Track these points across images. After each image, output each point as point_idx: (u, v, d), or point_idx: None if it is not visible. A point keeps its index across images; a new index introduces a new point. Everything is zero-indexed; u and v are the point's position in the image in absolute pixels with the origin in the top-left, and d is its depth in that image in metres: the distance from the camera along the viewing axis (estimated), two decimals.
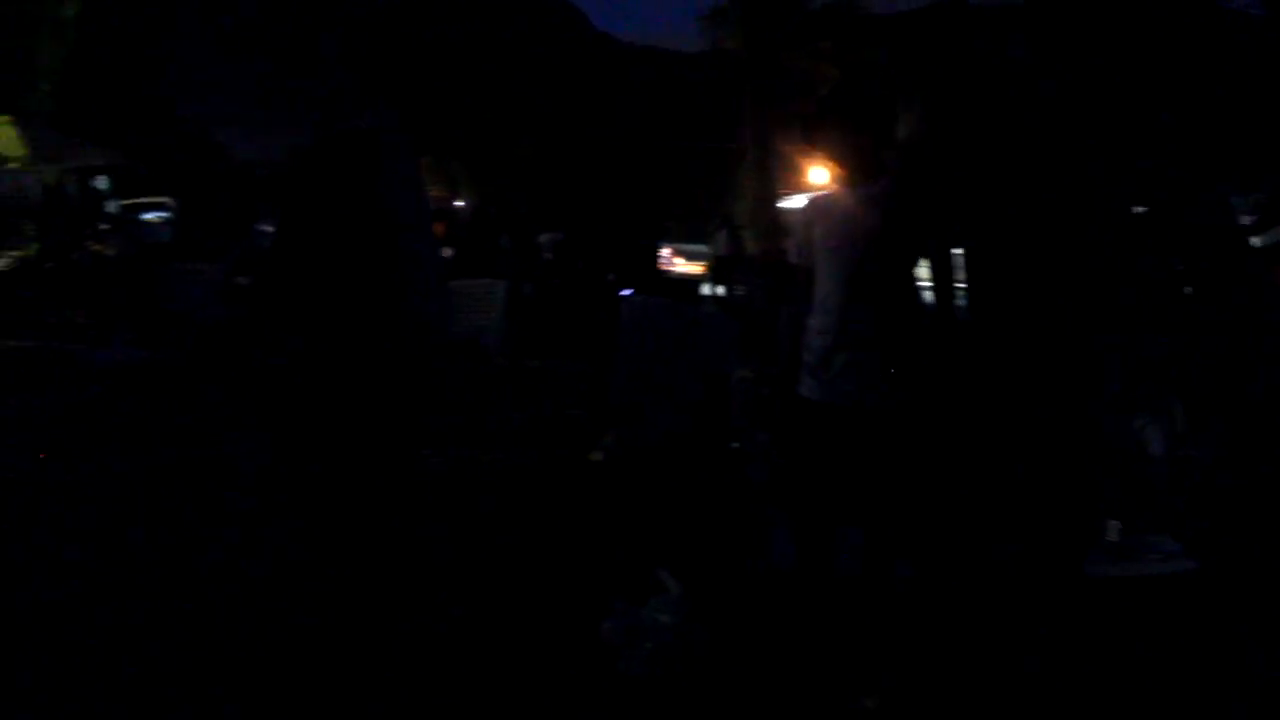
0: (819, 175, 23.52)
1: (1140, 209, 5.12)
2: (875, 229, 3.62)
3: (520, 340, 10.35)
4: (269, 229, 17.71)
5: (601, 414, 5.71)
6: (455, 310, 8.99)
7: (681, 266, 23.34)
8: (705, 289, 17.16)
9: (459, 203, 22.63)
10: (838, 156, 3.70)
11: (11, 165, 17.07)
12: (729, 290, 15.95)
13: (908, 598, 4.10)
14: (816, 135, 3.71)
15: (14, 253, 14.60)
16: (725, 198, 28.00)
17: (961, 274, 3.84)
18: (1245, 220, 6.18)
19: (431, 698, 3.60)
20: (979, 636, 3.91)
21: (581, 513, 5.19)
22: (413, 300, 3.75)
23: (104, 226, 16.27)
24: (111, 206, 18.46)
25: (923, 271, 3.73)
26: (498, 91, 29.53)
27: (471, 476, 6.20)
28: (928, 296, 3.74)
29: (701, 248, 22.74)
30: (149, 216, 19.44)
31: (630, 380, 5.50)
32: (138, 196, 20.67)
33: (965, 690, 3.70)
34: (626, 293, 11.83)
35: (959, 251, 3.85)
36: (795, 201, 20.27)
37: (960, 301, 3.84)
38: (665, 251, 22.18)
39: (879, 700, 3.58)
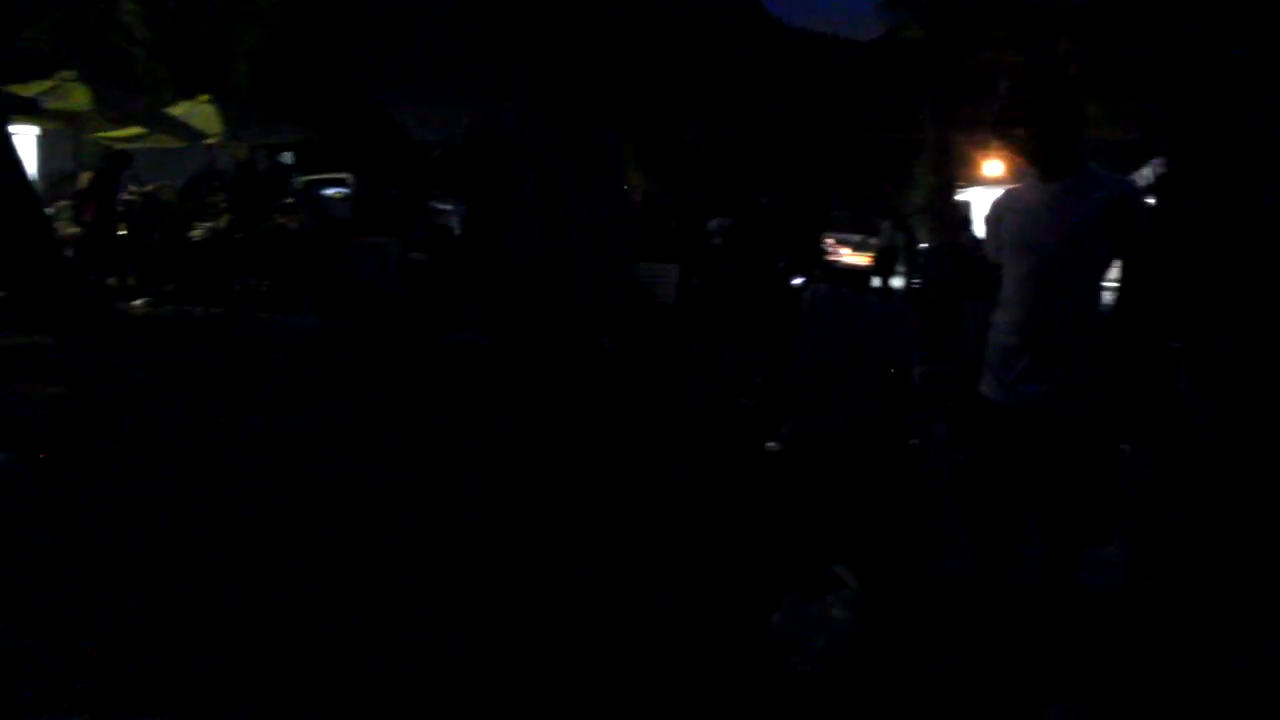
0: (994, 168, 22.88)
1: None
2: (1068, 230, 3.44)
3: (689, 326, 10.36)
4: (443, 207, 18.20)
5: (777, 403, 5.64)
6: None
7: (848, 257, 23.02)
8: (875, 281, 16.86)
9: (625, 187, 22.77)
10: (1029, 150, 3.54)
11: (209, 141, 17.96)
12: (906, 282, 15.64)
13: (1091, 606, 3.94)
14: (1007, 127, 3.55)
15: (207, 224, 15.29)
16: (896, 188, 27.49)
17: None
18: None
19: (597, 684, 3.61)
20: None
21: (755, 503, 5.13)
22: (596, 286, 3.78)
23: (289, 200, 16.91)
24: (295, 182, 19.17)
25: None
26: (668, 77, 29.64)
27: (643, 462, 6.20)
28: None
29: (868, 238, 22.38)
30: (329, 192, 20.10)
31: (809, 370, 5.42)
32: (320, 173, 21.48)
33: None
34: (798, 281, 11.73)
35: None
36: (971, 194, 19.74)
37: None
38: (829, 241, 21.90)
39: (1059, 714, 3.45)
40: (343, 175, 20.83)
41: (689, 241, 14.48)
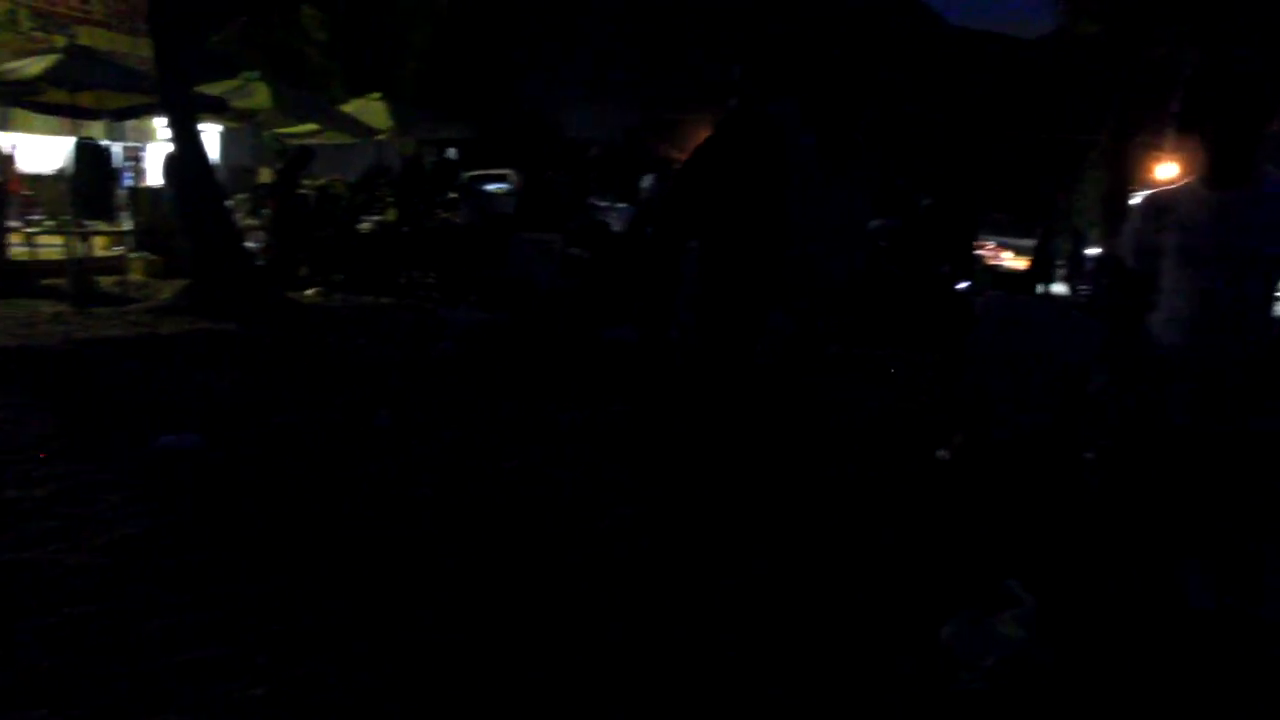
0: (1168, 170, 21.88)
1: None
2: (1251, 242, 3.19)
3: (852, 328, 10.21)
4: (601, 204, 18.41)
5: (948, 410, 5.53)
6: None
7: (1009, 261, 22.39)
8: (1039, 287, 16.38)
9: None
10: (1210, 152, 3.27)
11: (379, 137, 18.58)
12: (1071, 288, 15.13)
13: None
14: (1190, 128, 3.29)
15: (374, 218, 15.83)
16: (1064, 191, 26.59)
17: None
18: None
19: (765, 690, 3.60)
20: None
21: (925, 511, 5.05)
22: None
23: (453, 196, 17.35)
24: (459, 177, 19.66)
25: None
26: (836, 75, 29.27)
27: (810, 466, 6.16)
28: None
29: (1030, 242, 21.73)
30: (492, 188, 20.55)
31: (983, 377, 5.30)
32: (482, 168, 22.00)
33: None
34: (962, 285, 11.48)
35: None
36: (1141, 197, 18.95)
37: None
38: (989, 245, 21.35)
39: None
40: (505, 171, 21.28)
41: None
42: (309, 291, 13.45)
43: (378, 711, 3.31)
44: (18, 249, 13.93)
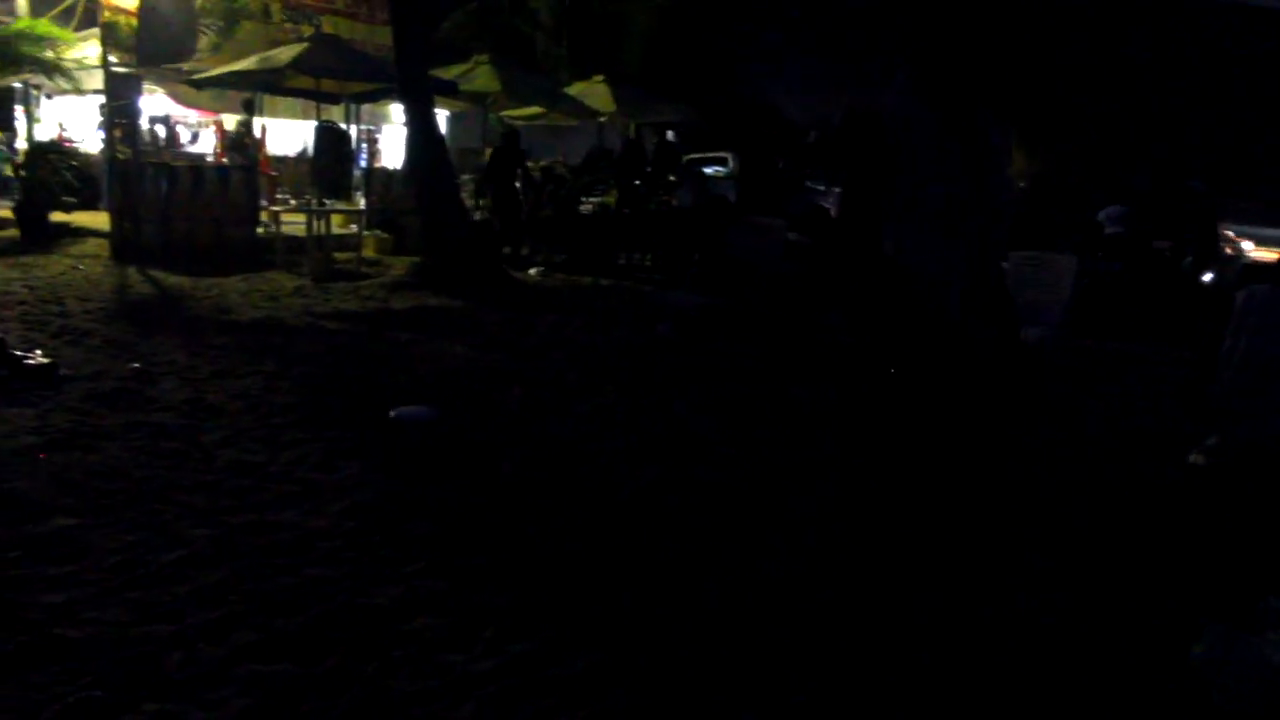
0: None
1: None
2: None
3: (1085, 321, 9.72)
4: (819, 188, 18.13)
5: (1202, 412, 5.12)
6: (1017, 285, 8.55)
7: (1253, 251, 20.81)
8: None
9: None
10: None
11: (601, 119, 18.83)
12: None
13: None
14: None
15: (595, 199, 16.05)
16: None
17: None
18: None
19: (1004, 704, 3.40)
20: None
21: (1176, 518, 4.70)
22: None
23: (672, 178, 17.40)
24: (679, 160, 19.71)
25: None
26: (1056, 52, 27.96)
27: (1043, 463, 5.86)
28: None
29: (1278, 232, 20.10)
30: (709, 170, 20.53)
31: (1241, 377, 4.87)
32: (701, 151, 22.00)
33: None
34: (1207, 277, 10.74)
35: None
36: None
37: None
38: (1227, 232, 19.91)
39: None
40: (723, 154, 21.21)
41: (1079, 231, 13.56)
42: (531, 271, 13.74)
43: (601, 691, 3.27)
44: (263, 226, 14.76)
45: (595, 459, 5.64)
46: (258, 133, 21.04)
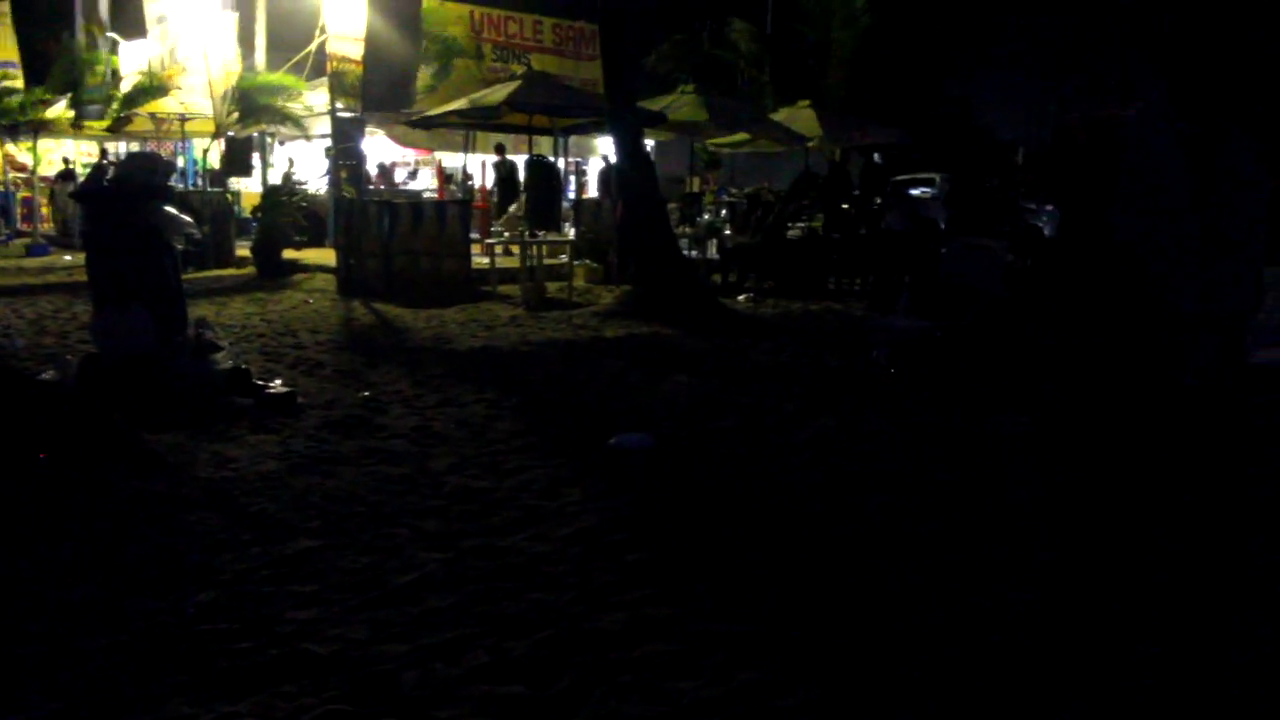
0: None
1: None
2: None
3: None
4: (1030, 207, 17.49)
5: None
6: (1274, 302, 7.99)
7: None
8: None
9: None
10: None
11: (808, 144, 18.73)
12: None
13: None
14: None
15: (802, 224, 15.93)
16: None
17: None
18: None
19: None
20: None
21: None
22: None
23: (879, 201, 17.13)
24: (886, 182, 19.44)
25: None
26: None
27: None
28: None
29: None
30: (916, 192, 20.13)
31: None
32: (908, 173, 21.61)
33: None
34: None
35: None
36: None
37: None
38: None
39: None
40: (931, 175, 20.77)
41: None
42: (740, 298, 13.72)
43: None
44: (478, 258, 15.28)
45: (816, 489, 5.54)
46: (477, 170, 21.94)
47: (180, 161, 22.27)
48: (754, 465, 5.98)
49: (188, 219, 8.02)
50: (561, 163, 18.58)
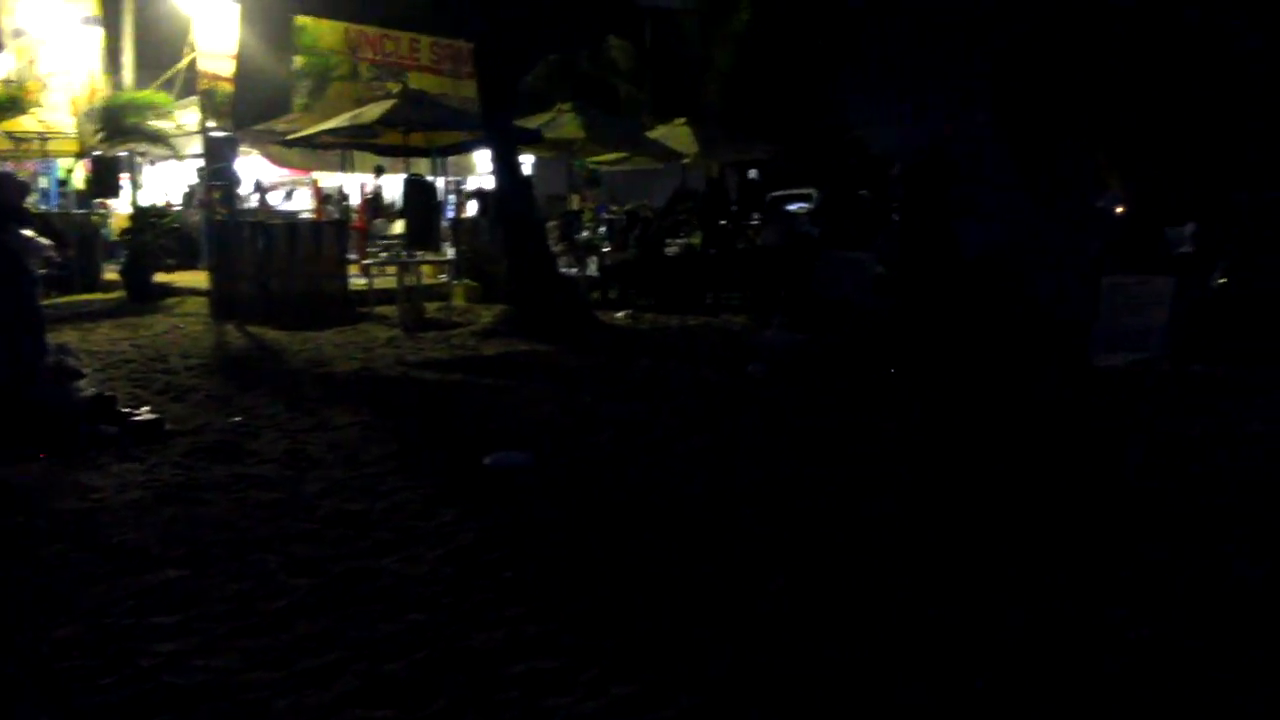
0: None
1: None
2: None
3: (1187, 342, 9.43)
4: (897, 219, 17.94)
5: None
6: (1115, 310, 8.34)
7: None
8: None
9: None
10: None
11: (684, 161, 18.95)
12: None
13: None
14: None
15: (680, 240, 16.09)
16: None
17: None
18: None
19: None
20: None
21: None
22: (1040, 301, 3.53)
23: (757, 216, 17.40)
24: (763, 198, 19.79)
25: None
26: (1146, 78, 27.42)
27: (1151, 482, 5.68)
28: None
29: None
30: (794, 207, 20.49)
31: None
32: (785, 188, 21.99)
33: None
34: None
35: None
36: None
37: None
38: None
39: None
40: (808, 190, 21.17)
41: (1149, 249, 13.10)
42: (619, 314, 13.79)
43: None
44: (355, 280, 15.07)
45: (692, 501, 5.60)
46: (356, 190, 21.63)
47: (43, 182, 21.50)
48: (630, 480, 6.02)
49: (46, 241, 7.76)
50: (441, 182, 18.46)
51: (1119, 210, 15.08)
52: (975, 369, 3.56)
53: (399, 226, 17.45)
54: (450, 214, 19.75)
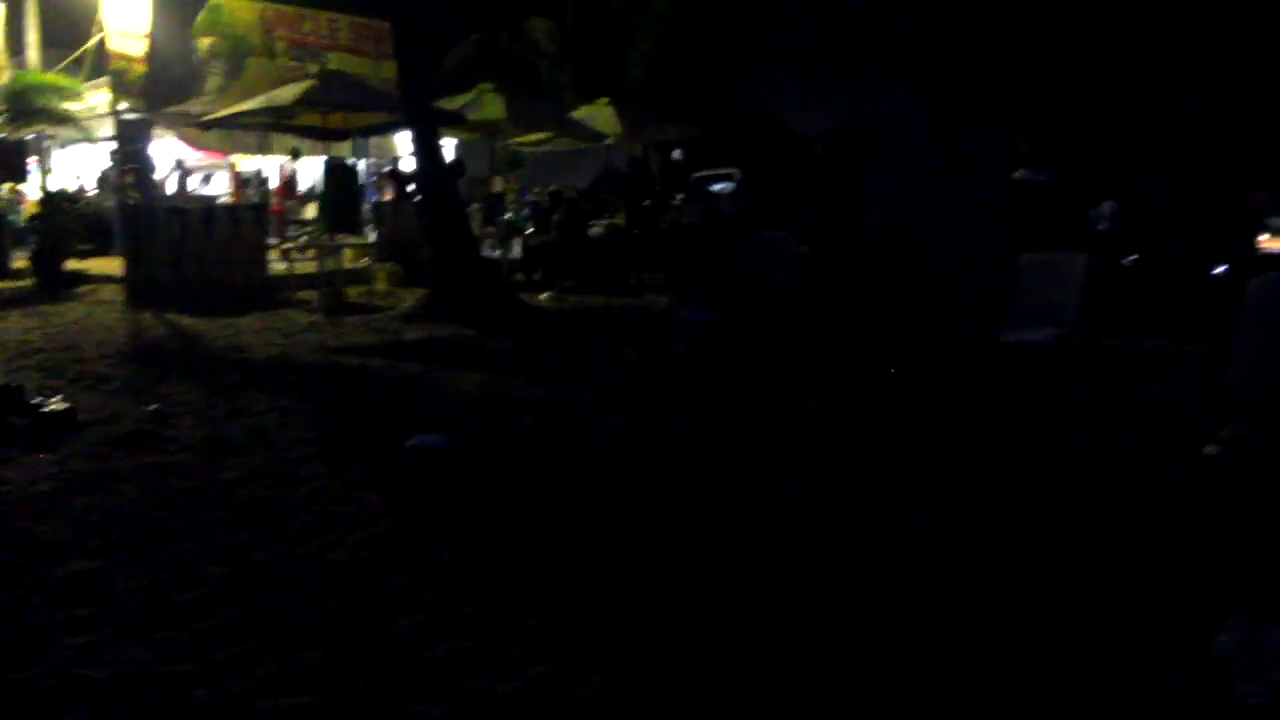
0: None
1: None
2: None
3: (1099, 318, 9.69)
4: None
5: (1216, 404, 5.10)
6: (1031, 286, 8.53)
7: (1268, 243, 20.74)
8: None
9: (1019, 173, 21.64)
10: None
11: (607, 142, 18.92)
12: None
13: None
14: None
15: (604, 221, 16.09)
16: None
17: None
18: None
19: (1001, 687, 3.39)
20: None
21: (1193, 510, 4.67)
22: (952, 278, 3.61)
23: (680, 196, 17.43)
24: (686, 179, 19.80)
25: None
26: (1062, 57, 27.93)
27: (1053, 456, 5.84)
28: None
29: None
30: (716, 188, 20.56)
31: (1258, 367, 4.85)
32: (709, 168, 22.03)
33: None
34: (1219, 270, 10.65)
35: None
36: None
37: None
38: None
39: None
40: (731, 170, 21.23)
41: (1074, 228, 13.44)
42: (543, 296, 13.77)
43: (628, 707, 3.28)
44: (275, 264, 14.86)
45: (612, 480, 5.65)
46: (276, 173, 21.29)
47: None
48: (551, 461, 6.05)
49: None
50: (362, 165, 18.24)
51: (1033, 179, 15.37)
52: (878, 346, 3.62)
53: (311, 211, 17.28)
54: (372, 197, 19.54)
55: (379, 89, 17.79)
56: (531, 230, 16.39)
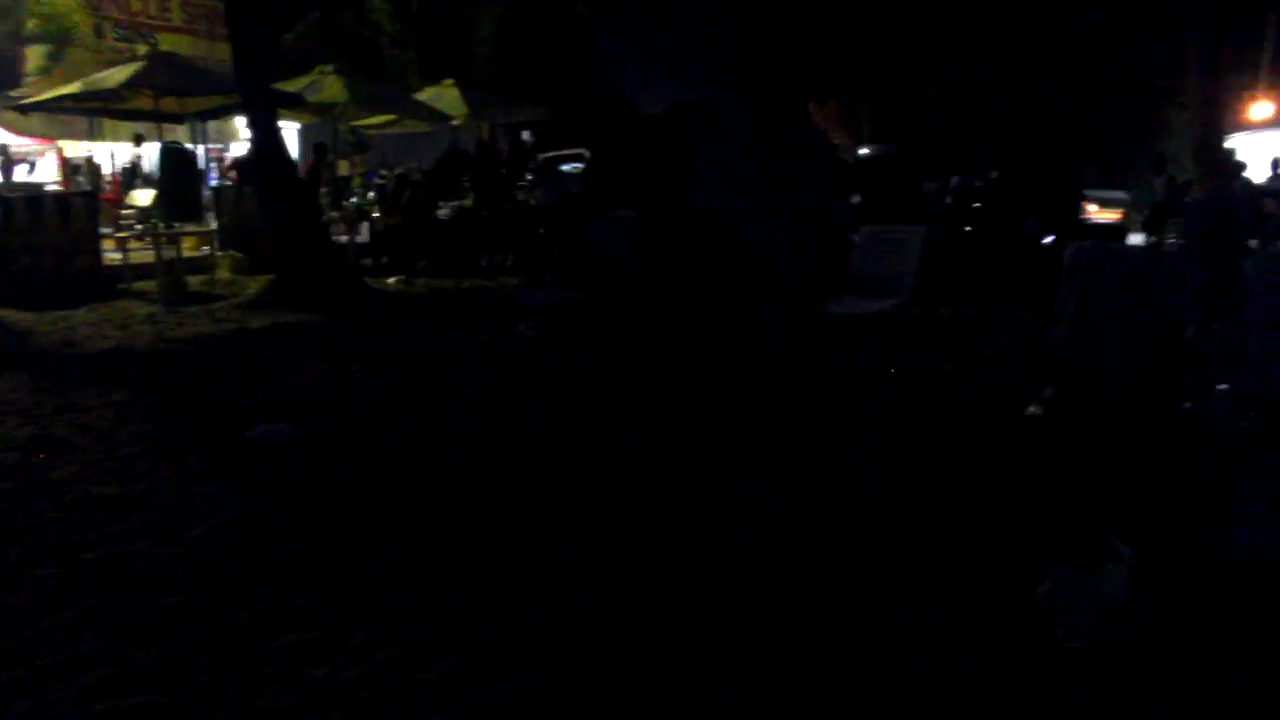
0: (1263, 110, 20.95)
1: None
2: None
3: (934, 288, 10.09)
4: None
5: (1039, 366, 5.39)
6: (871, 258, 8.83)
7: (1097, 214, 21.85)
8: (1136, 238, 15.89)
9: (865, 149, 22.24)
10: None
11: (454, 123, 18.73)
12: (1158, 238, 14.64)
13: None
14: None
15: (453, 203, 15.96)
16: (1149, 140, 25.76)
17: None
18: None
19: (858, 651, 3.54)
20: None
21: (1017, 469, 4.93)
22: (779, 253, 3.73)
23: (529, 178, 17.41)
24: (535, 160, 19.77)
25: None
26: (900, 36, 28.78)
27: (892, 426, 6.07)
28: None
29: (1119, 194, 21.13)
30: (567, 168, 20.60)
31: (1075, 331, 5.14)
32: (557, 149, 22.04)
33: None
34: (1048, 240, 11.19)
35: None
36: (1237, 140, 18.30)
37: None
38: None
39: None
40: (580, 151, 21.28)
41: (918, 203, 13.97)
42: (390, 280, 13.60)
43: (473, 691, 3.31)
44: (111, 255, 14.28)
45: (455, 463, 5.66)
46: (107, 159, 20.45)
47: None
48: (394, 446, 6.02)
49: None
50: (201, 150, 17.69)
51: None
52: (700, 322, 3.71)
53: (142, 198, 16.63)
54: (213, 182, 18.97)
55: (214, 70, 17.27)
56: (378, 214, 16.15)
